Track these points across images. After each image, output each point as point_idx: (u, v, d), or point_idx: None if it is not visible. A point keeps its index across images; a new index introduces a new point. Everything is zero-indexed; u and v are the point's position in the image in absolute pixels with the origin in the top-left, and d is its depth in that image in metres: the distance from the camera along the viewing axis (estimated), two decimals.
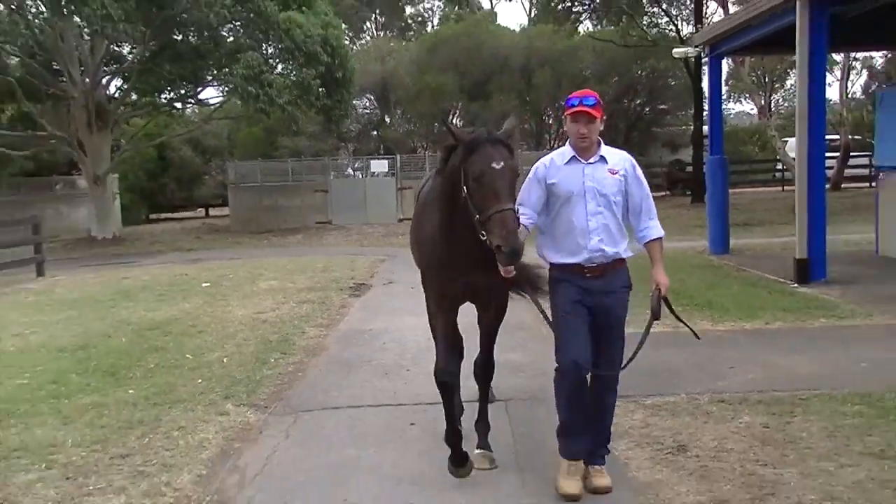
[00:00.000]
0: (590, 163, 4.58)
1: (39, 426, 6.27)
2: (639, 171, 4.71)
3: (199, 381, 7.48)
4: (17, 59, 25.08)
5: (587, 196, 4.53)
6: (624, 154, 4.76)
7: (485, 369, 5.24)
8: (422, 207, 5.30)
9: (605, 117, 4.63)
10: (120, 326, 10.46)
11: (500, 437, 5.45)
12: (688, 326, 4.84)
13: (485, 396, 5.32)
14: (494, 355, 5.29)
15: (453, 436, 4.87)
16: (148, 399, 6.92)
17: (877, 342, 7.99)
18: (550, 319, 4.72)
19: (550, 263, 4.75)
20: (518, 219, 4.24)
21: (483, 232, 4.17)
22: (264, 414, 6.48)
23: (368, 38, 48.16)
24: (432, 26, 49.13)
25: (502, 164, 4.20)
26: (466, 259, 4.66)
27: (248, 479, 5.12)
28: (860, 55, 34.52)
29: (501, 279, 4.42)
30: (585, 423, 4.70)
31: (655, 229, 4.71)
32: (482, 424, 5.23)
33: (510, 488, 4.83)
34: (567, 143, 4.72)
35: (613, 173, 4.56)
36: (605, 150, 4.65)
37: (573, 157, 4.61)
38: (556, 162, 4.68)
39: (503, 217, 4.09)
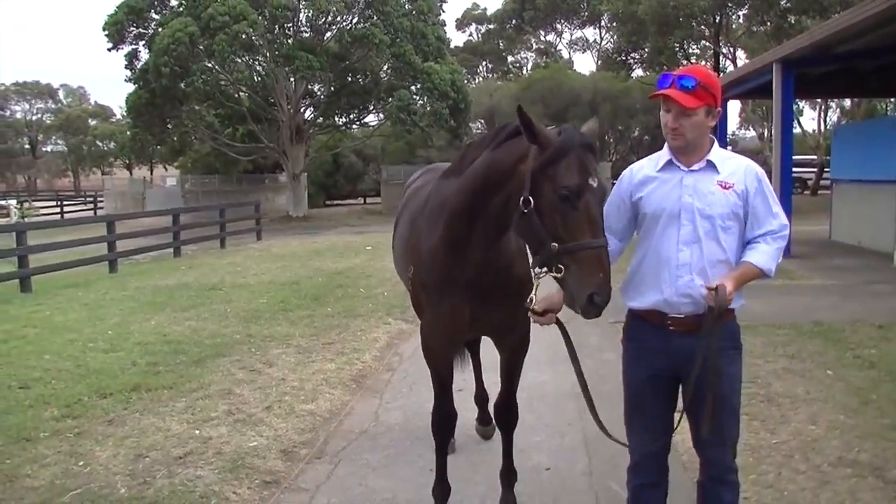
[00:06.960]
0: (692, 170, 2.44)
1: (278, 325, 7.39)
2: (767, 186, 2.47)
3: (370, 304, 8.46)
4: (247, 95, 26.87)
5: (682, 216, 2.41)
6: (745, 161, 2.52)
7: (506, 413, 3.32)
8: (416, 215, 3.17)
9: (718, 108, 2.41)
10: (316, 272, 11.61)
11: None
12: None
13: (508, 444, 3.35)
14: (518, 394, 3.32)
15: (442, 491, 3.34)
16: (340, 314, 7.95)
17: (812, 294, 8.42)
18: (587, 387, 2.56)
19: (629, 309, 2.60)
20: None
21: (558, 267, 2.26)
22: (412, 324, 7.24)
23: (481, 79, 48.61)
24: (526, 71, 49.09)
25: (597, 180, 2.30)
26: (480, 278, 2.79)
27: (404, 359, 6.10)
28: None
29: (524, 311, 2.53)
30: None
31: (764, 256, 2.45)
32: (507, 475, 3.37)
33: None
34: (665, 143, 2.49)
35: (725, 187, 2.41)
36: (718, 153, 2.47)
37: (670, 162, 2.47)
38: (646, 169, 2.55)
39: (598, 256, 2.24)
